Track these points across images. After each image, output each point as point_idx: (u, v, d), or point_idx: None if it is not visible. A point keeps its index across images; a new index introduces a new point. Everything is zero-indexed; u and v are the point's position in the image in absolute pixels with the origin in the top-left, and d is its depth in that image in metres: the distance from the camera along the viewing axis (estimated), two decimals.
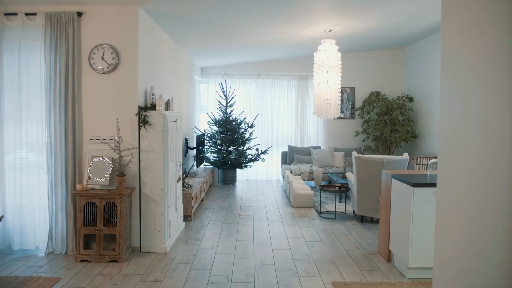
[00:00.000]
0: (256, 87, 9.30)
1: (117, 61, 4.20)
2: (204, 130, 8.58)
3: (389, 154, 8.72)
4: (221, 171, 8.59)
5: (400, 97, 8.61)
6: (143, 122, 4.23)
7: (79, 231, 4.03)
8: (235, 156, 8.42)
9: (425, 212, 3.55)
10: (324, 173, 8.23)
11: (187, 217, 5.64)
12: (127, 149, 4.20)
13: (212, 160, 8.45)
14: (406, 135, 8.24)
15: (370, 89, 9.26)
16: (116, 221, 4.03)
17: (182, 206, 5.20)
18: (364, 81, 9.31)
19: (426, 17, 6.26)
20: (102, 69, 4.20)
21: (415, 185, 3.54)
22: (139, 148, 4.27)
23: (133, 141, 4.26)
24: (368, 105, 8.80)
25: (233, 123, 8.51)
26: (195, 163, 7.17)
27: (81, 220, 4.02)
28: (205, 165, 8.55)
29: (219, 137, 8.37)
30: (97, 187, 4.10)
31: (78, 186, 4.03)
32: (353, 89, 9.31)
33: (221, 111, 8.62)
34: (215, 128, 8.66)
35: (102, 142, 4.22)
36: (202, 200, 6.86)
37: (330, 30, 6.37)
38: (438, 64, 7.49)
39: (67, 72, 4.14)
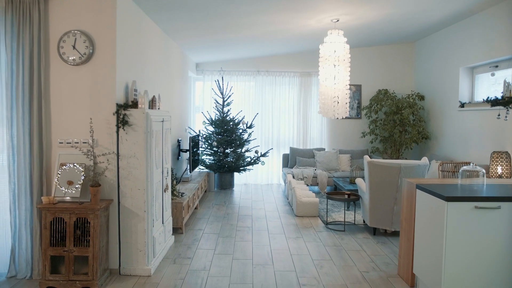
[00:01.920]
0: (255, 84, 8.67)
1: (91, 51, 3.56)
2: (199, 131, 7.95)
3: (398, 157, 8.10)
4: (218, 175, 7.95)
5: (410, 95, 7.98)
6: (122, 122, 3.59)
7: (44, 253, 3.39)
8: (232, 159, 7.78)
9: (462, 232, 2.92)
10: (329, 177, 7.60)
11: (177, 230, 5.00)
12: (103, 155, 3.56)
13: (207, 163, 7.81)
14: (417, 136, 7.61)
15: (378, 87, 8.64)
16: (89, 240, 3.39)
17: (171, 218, 4.56)
18: (371, 78, 8.69)
19: (441, 7, 5.63)
20: (74, 60, 3.56)
21: (450, 199, 2.90)
22: (118, 153, 3.63)
23: (110, 144, 3.62)
24: (375, 104, 8.17)
25: (231, 123, 7.87)
26: (188, 167, 6.53)
27: (47, 239, 3.38)
28: (200, 168, 7.91)
29: (215, 139, 7.73)
30: (67, 199, 3.46)
31: (44, 199, 3.39)
32: (359, 87, 8.69)
33: (218, 110, 7.98)
34: (211, 128, 8.03)
35: (73, 147, 3.58)
36: (196, 208, 6.23)
37: (338, 20, 5.73)
38: (451, 59, 6.87)
39: (31, 63, 3.50)
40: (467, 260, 2.93)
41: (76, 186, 3.44)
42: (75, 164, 3.48)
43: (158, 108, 4.31)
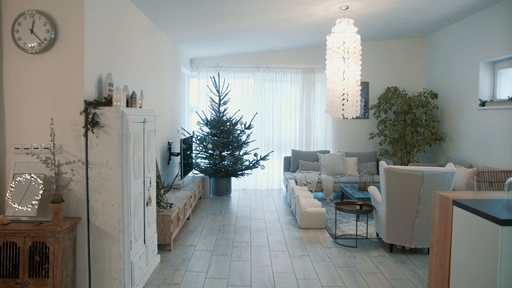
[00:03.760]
0: (255, 81, 8.01)
1: (53, 36, 2.91)
2: (193, 132, 7.29)
3: (409, 160, 7.46)
4: (213, 180, 7.30)
5: (422, 93, 7.35)
6: (91, 123, 2.94)
7: None
8: (229, 162, 7.13)
9: None
10: (335, 182, 6.95)
11: (164, 246, 4.35)
12: (67, 163, 2.91)
13: (202, 167, 7.16)
14: (431, 137, 6.97)
15: (386, 85, 8.01)
16: (49, 269, 2.74)
17: (155, 235, 3.90)
18: (379, 75, 8.05)
19: None
20: (32, 47, 2.91)
21: (505, 222, 2.25)
22: (86, 160, 2.98)
23: (77, 151, 2.97)
24: (384, 103, 7.53)
25: (228, 123, 7.22)
26: (180, 172, 5.88)
27: None
28: (193, 173, 7.25)
29: (210, 140, 7.08)
30: (23, 218, 2.81)
31: None
32: (366, 84, 8.04)
33: (213, 110, 7.32)
34: (206, 129, 7.37)
35: (28, 154, 2.92)
36: (188, 219, 5.58)
37: (347, 8, 5.09)
38: (470, 53, 6.24)
39: None
40: None
41: (33, 202, 2.79)
42: (32, 175, 2.83)
43: (140, 107, 3.66)
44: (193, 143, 7.12)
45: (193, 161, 7.08)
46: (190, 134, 7.20)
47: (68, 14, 2.92)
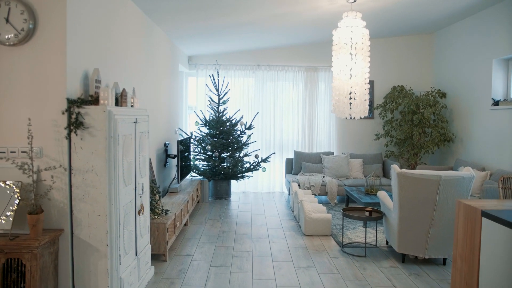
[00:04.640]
0: (255, 80, 7.69)
1: (31, 25, 2.60)
2: (191, 133, 6.97)
3: (416, 162, 7.16)
4: (212, 183, 6.98)
5: (430, 93, 7.04)
6: (75, 124, 2.62)
7: None
8: (229, 164, 6.81)
9: None
10: (339, 186, 6.64)
11: (159, 256, 4.03)
12: (47, 169, 2.60)
13: (201, 170, 6.84)
14: (439, 138, 6.67)
15: (392, 83, 7.71)
16: None
17: (149, 245, 3.59)
18: (385, 74, 7.74)
19: None
20: (8, 38, 2.60)
21: None
22: (70, 166, 2.67)
23: (59, 155, 2.65)
24: (390, 102, 7.23)
25: (227, 123, 6.90)
26: (177, 176, 5.56)
27: None
28: (191, 176, 6.93)
29: (209, 141, 6.76)
30: None
31: None
32: (371, 83, 7.71)
33: (212, 109, 7.01)
34: (205, 130, 7.05)
35: (3, 158, 2.61)
36: (185, 225, 5.27)
37: (355, 1, 4.78)
38: (481, 51, 5.93)
39: None
40: None
41: (8, 213, 2.47)
42: (7, 183, 2.51)
43: (132, 106, 3.35)
44: (191, 145, 6.81)
45: (191, 163, 6.77)
46: (188, 135, 6.89)
47: (49, 2, 2.60)
